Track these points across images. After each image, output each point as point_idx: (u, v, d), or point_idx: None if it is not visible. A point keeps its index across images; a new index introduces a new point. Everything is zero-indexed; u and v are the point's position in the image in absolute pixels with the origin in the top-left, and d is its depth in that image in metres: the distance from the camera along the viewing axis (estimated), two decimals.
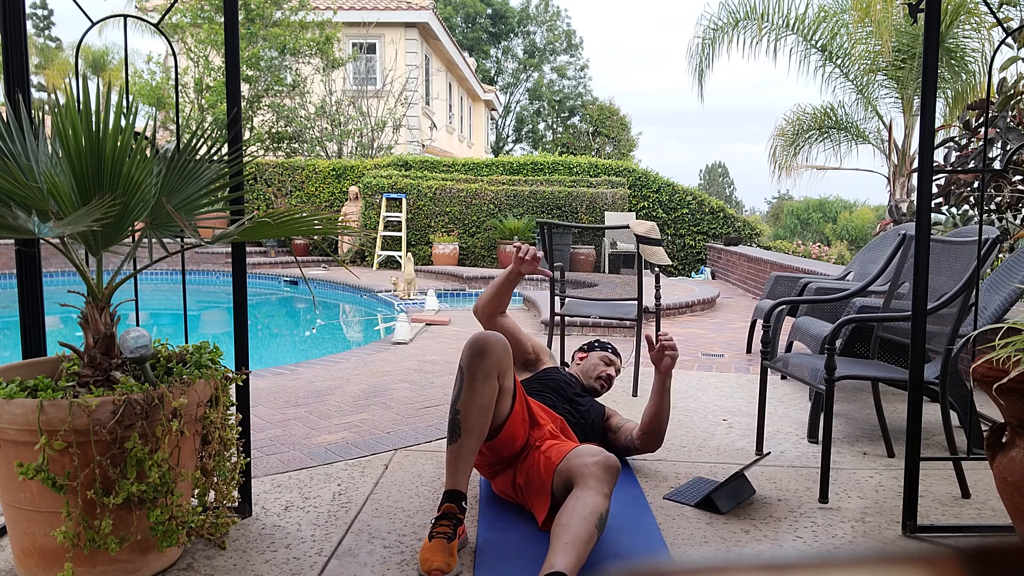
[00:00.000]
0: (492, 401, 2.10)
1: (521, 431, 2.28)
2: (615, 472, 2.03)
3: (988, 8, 2.74)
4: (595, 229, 8.21)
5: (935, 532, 2.27)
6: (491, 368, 2.09)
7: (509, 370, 2.17)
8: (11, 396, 1.74)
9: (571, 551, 1.80)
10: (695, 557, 1.90)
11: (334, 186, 12.70)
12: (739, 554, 2.08)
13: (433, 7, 18.18)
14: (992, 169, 5.03)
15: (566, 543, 1.82)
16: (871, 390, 3.23)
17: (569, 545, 1.81)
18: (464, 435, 2.06)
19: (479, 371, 2.07)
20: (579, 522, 1.87)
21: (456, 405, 2.09)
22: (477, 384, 2.07)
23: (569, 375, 2.87)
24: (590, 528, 1.87)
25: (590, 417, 2.72)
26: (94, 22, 2.33)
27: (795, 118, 12.28)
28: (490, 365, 2.08)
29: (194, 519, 1.93)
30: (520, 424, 2.27)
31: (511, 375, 2.20)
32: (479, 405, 2.07)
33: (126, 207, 1.90)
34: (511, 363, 2.17)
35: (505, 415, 2.21)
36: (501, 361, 2.11)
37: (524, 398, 2.34)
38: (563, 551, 1.80)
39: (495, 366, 2.10)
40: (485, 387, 2.08)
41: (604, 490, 1.97)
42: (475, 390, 2.07)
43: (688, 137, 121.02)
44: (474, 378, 2.07)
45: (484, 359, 2.08)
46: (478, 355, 2.08)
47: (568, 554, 1.79)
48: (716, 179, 53.29)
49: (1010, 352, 1.89)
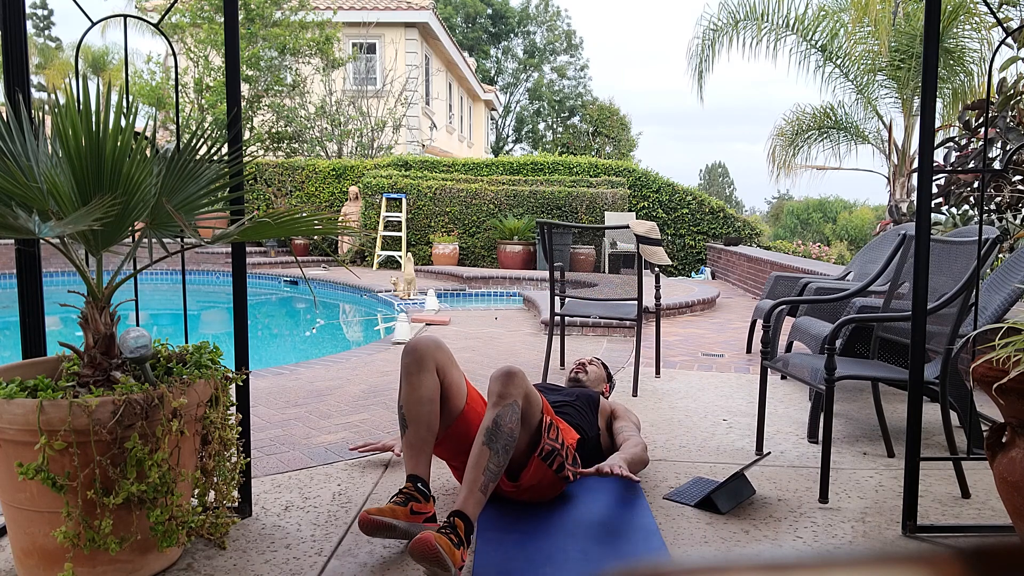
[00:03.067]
0: (433, 391, 2.27)
1: (476, 426, 2.35)
2: (507, 377, 2.17)
3: (988, 8, 2.74)
4: (595, 229, 8.21)
5: (935, 532, 2.27)
6: (423, 361, 2.28)
7: (449, 365, 2.35)
8: (11, 396, 1.74)
9: (466, 484, 2.05)
10: (695, 557, 1.90)
11: (334, 186, 12.70)
12: (739, 554, 2.08)
13: (433, 7, 18.18)
14: (992, 169, 5.04)
15: (467, 480, 2.07)
16: (871, 390, 3.23)
17: (467, 480, 2.06)
18: (411, 425, 2.24)
19: (412, 366, 2.28)
20: (474, 448, 2.11)
21: (399, 402, 2.30)
22: (412, 378, 2.27)
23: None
24: (478, 450, 2.09)
25: (577, 396, 2.84)
26: (94, 22, 2.33)
27: (795, 118, 12.29)
28: (421, 358, 2.29)
29: (194, 519, 1.93)
30: (476, 420, 2.37)
31: (454, 372, 2.37)
32: (418, 396, 2.25)
33: (126, 207, 1.90)
34: (449, 359, 2.36)
35: (457, 413, 2.36)
36: (434, 355, 2.31)
37: (481, 401, 2.45)
38: (465, 488, 2.06)
39: (428, 359, 2.29)
40: (421, 380, 2.26)
41: (493, 400, 2.15)
42: (411, 383, 2.27)
43: (688, 137, 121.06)
44: (409, 373, 2.28)
45: (414, 355, 2.29)
46: (408, 354, 2.31)
47: (465, 488, 2.05)
48: (716, 179, 53.27)
49: (1010, 352, 1.89)
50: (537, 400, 2.27)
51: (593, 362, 3.27)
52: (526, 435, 2.26)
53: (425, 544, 1.83)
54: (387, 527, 2.02)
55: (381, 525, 2.01)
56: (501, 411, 2.12)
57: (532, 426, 2.27)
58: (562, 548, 2.10)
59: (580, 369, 3.20)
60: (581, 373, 3.17)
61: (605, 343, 5.60)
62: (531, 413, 2.24)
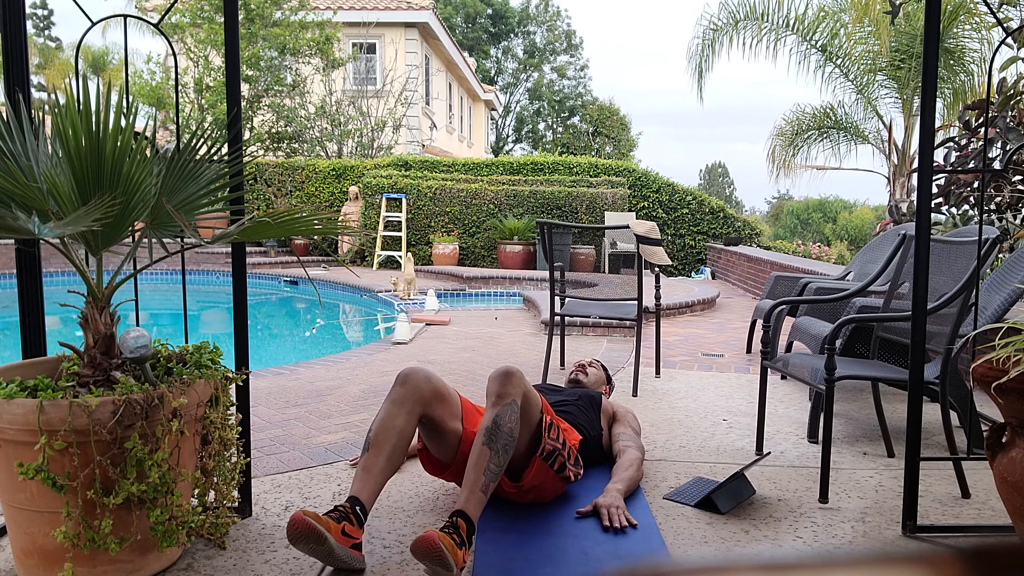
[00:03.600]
0: (406, 428, 2.18)
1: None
2: (504, 376, 2.15)
3: (988, 8, 2.74)
4: (595, 229, 8.21)
5: (935, 532, 2.27)
6: (405, 396, 2.21)
7: (437, 401, 2.27)
8: (11, 396, 1.74)
9: (467, 484, 2.03)
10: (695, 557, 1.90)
11: (334, 186, 12.70)
12: (739, 554, 2.08)
13: (433, 7, 18.18)
14: (992, 169, 5.04)
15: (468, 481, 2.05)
16: (871, 390, 3.23)
17: (468, 481, 2.04)
18: (372, 449, 2.13)
19: (394, 394, 2.23)
20: (474, 449, 2.09)
21: (371, 424, 2.22)
22: (393, 407, 2.20)
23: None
24: (478, 450, 2.06)
25: (579, 396, 2.83)
26: (94, 22, 2.33)
27: (794, 118, 12.29)
28: (405, 393, 2.21)
29: (194, 519, 1.93)
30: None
31: (445, 407, 2.30)
32: (390, 425, 2.16)
33: (126, 207, 1.90)
34: (435, 396, 2.27)
35: (457, 441, 2.32)
36: (420, 390, 2.23)
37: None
38: (466, 488, 2.04)
39: (410, 395, 2.21)
40: (396, 411, 2.19)
41: (492, 400, 2.14)
42: (389, 411, 2.19)
43: (688, 137, 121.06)
44: (390, 399, 2.22)
45: (401, 386, 2.24)
46: (399, 383, 2.25)
47: (466, 488, 2.03)
48: (716, 179, 53.27)
49: (1010, 352, 1.89)
50: (536, 400, 2.26)
51: (593, 364, 3.27)
52: (526, 435, 2.25)
53: (428, 542, 1.81)
54: (317, 536, 1.84)
55: (311, 531, 1.83)
56: (500, 411, 2.11)
57: (532, 425, 2.26)
58: (562, 548, 2.10)
59: (580, 370, 3.20)
60: (581, 374, 3.17)
61: (605, 343, 5.60)
62: (531, 412, 2.23)
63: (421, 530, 2.21)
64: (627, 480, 2.48)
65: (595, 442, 2.70)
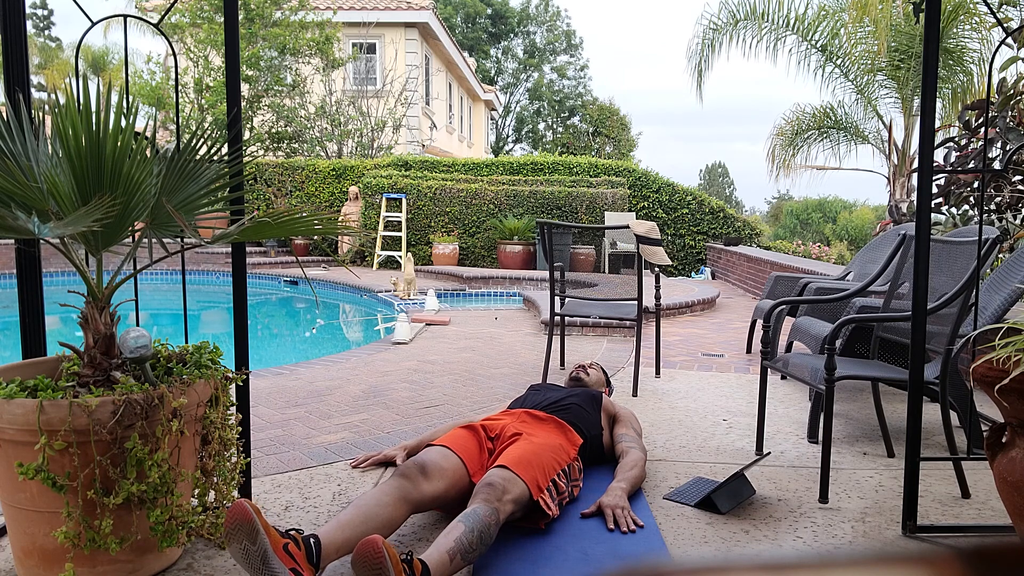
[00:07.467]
0: (396, 511, 2.00)
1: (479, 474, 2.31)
2: (489, 488, 2.04)
3: (988, 8, 2.74)
4: (595, 229, 8.21)
5: (935, 532, 2.27)
6: (401, 497, 2.03)
7: (432, 498, 2.13)
8: (11, 396, 1.74)
9: (435, 544, 1.85)
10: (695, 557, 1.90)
11: (334, 186, 12.70)
12: (739, 554, 2.08)
13: (433, 7, 18.18)
14: (992, 169, 5.04)
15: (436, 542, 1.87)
16: (871, 390, 3.23)
17: (437, 542, 1.86)
18: (353, 509, 1.95)
19: (392, 484, 2.05)
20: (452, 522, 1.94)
21: (359, 497, 2.03)
22: (380, 496, 2.01)
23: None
24: (454, 524, 1.92)
25: (580, 395, 2.83)
26: (94, 22, 2.33)
27: (794, 118, 12.29)
28: (402, 493, 2.04)
29: (194, 519, 1.93)
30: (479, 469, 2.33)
31: (443, 493, 2.16)
32: (380, 499, 1.99)
33: (126, 207, 1.90)
34: (434, 500, 2.14)
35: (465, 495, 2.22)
36: (422, 494, 2.08)
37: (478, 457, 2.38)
38: (432, 546, 1.85)
39: (406, 497, 2.04)
40: (388, 502, 2.00)
41: (480, 496, 2.02)
42: (376, 499, 2.00)
43: (688, 137, 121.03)
44: (388, 487, 2.04)
45: (408, 472, 2.10)
46: (399, 473, 2.09)
47: (432, 546, 1.84)
48: (716, 179, 53.27)
49: (1010, 352, 1.89)
50: (524, 499, 2.14)
51: (593, 366, 3.29)
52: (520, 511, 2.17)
53: (371, 546, 1.65)
54: (251, 532, 1.68)
55: (246, 520, 1.68)
56: (480, 507, 1.98)
57: (521, 507, 2.15)
58: (562, 548, 2.10)
59: (581, 370, 3.21)
60: (583, 373, 3.19)
61: (605, 343, 5.60)
62: (517, 508, 2.12)
63: (421, 530, 2.21)
64: (631, 480, 2.48)
65: (595, 442, 2.70)
